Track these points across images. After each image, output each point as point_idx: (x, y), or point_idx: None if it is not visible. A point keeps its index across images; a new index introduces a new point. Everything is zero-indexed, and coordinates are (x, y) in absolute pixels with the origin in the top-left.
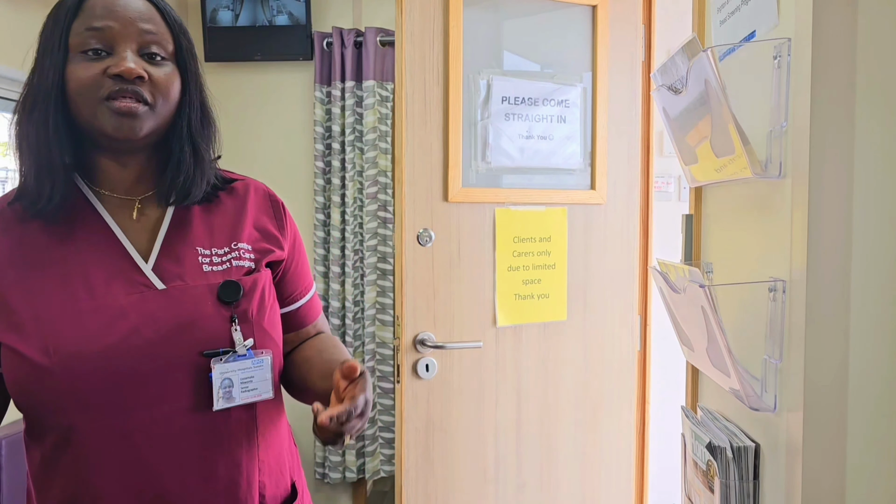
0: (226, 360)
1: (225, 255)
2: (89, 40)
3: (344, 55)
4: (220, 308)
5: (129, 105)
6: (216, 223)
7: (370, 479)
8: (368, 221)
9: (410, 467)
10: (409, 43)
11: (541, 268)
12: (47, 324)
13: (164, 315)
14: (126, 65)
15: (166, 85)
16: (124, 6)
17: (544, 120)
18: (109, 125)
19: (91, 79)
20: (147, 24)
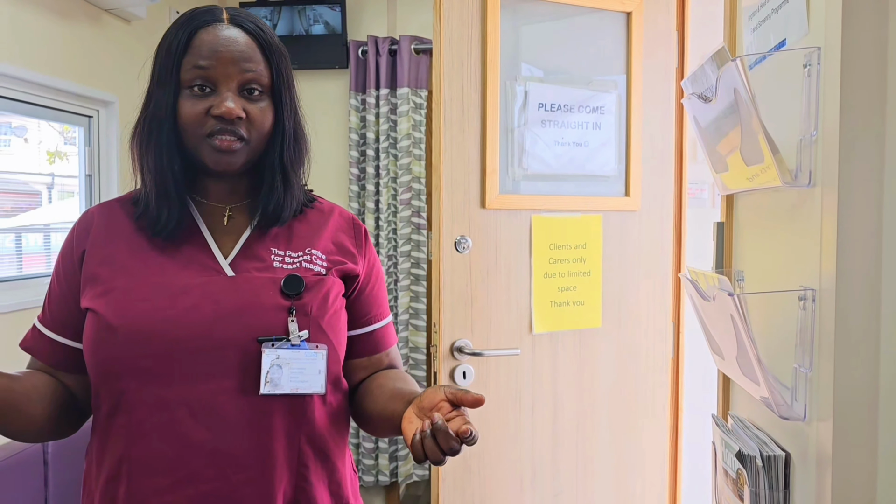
0: (277, 347)
1: (297, 257)
2: (196, 78)
3: (379, 63)
4: (281, 299)
5: (229, 143)
6: (296, 232)
7: (402, 482)
8: (402, 227)
9: (447, 475)
10: (447, 49)
11: (576, 275)
12: (123, 292)
13: (226, 298)
14: (226, 106)
15: (262, 120)
16: (227, 46)
17: (580, 126)
18: (210, 160)
19: (196, 116)
20: (247, 62)
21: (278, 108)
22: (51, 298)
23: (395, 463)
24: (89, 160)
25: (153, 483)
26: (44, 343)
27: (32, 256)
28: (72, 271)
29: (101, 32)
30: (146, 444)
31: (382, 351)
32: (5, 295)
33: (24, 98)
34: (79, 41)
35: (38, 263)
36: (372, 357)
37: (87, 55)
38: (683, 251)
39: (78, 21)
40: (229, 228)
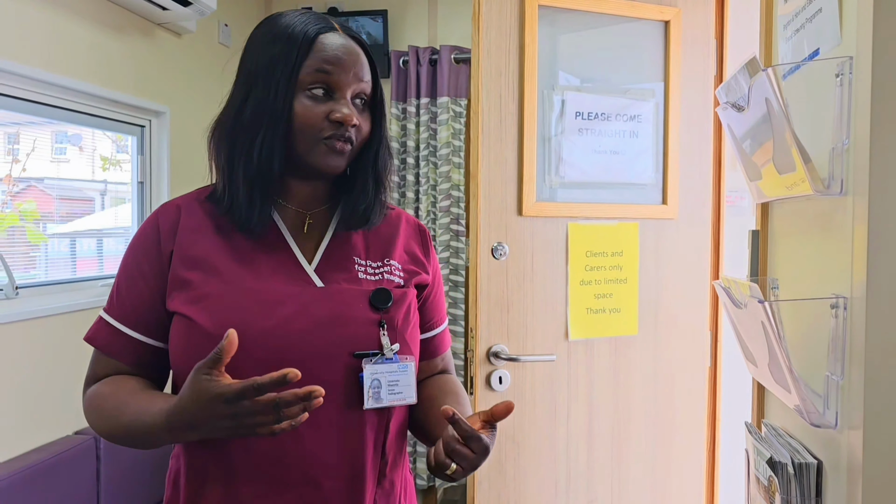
0: (375, 362)
1: (378, 268)
2: (318, 81)
3: (419, 73)
4: (371, 312)
5: (343, 146)
6: (372, 240)
7: (440, 486)
8: (441, 234)
9: (483, 479)
10: (485, 60)
11: (612, 282)
12: (218, 300)
13: (320, 309)
14: (346, 112)
15: (366, 129)
16: (348, 54)
17: (617, 135)
18: (322, 162)
19: (315, 118)
20: (362, 73)
21: (375, 118)
22: (131, 298)
23: None
24: (141, 168)
25: (250, 489)
26: (127, 344)
27: (86, 260)
28: (159, 271)
29: (154, 46)
30: (244, 452)
31: (439, 355)
32: (61, 297)
33: (79, 108)
34: (132, 54)
35: (91, 267)
36: (430, 361)
37: (141, 67)
38: (722, 259)
39: (132, 35)
40: (310, 234)
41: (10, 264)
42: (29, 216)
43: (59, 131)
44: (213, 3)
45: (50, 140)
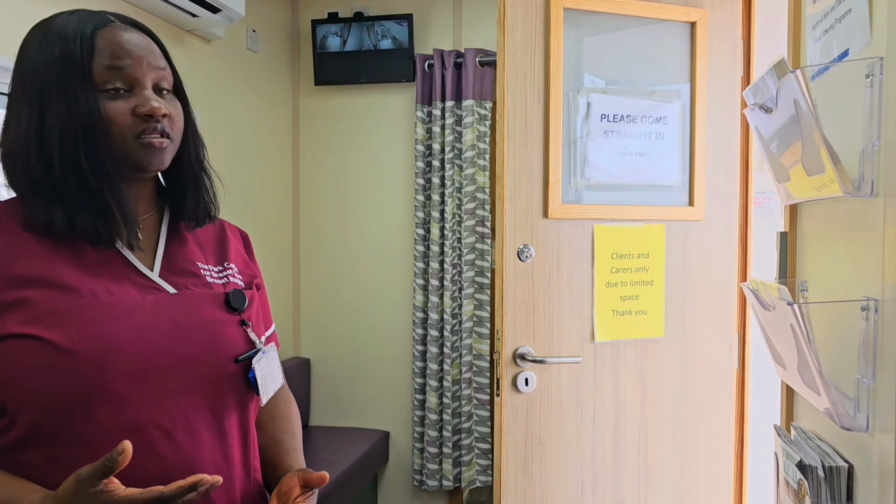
0: (258, 359)
1: (220, 272)
2: (112, 79)
3: (444, 76)
4: (229, 314)
5: (160, 141)
6: (204, 243)
7: (466, 487)
8: (466, 236)
9: (509, 480)
10: (510, 63)
11: (638, 284)
12: (70, 315)
13: (181, 316)
14: (152, 104)
15: (178, 118)
16: (136, 45)
17: (642, 137)
18: (142, 160)
19: (122, 117)
20: (156, 61)
21: (185, 107)
22: None
23: (458, 468)
24: None
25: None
26: None
27: None
28: None
29: (184, 52)
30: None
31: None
32: None
33: None
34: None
35: None
36: None
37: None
38: (749, 261)
39: None
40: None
41: None
42: None
43: None
44: (241, 9)
45: None
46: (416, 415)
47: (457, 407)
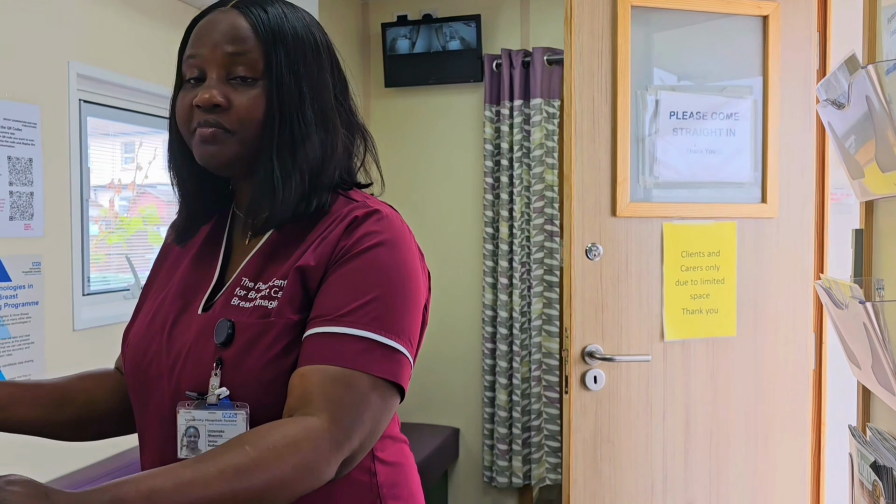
0: (195, 407)
1: (261, 290)
2: (189, 69)
3: (512, 75)
4: (212, 347)
5: (208, 133)
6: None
7: (536, 485)
8: (535, 235)
9: (578, 477)
10: (577, 62)
11: (709, 282)
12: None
13: (181, 340)
14: (203, 95)
15: (248, 109)
16: (212, 29)
17: (713, 133)
18: (197, 154)
19: (183, 110)
20: (232, 44)
21: (278, 94)
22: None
23: (528, 465)
24: None
25: None
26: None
27: None
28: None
29: None
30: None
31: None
32: None
33: None
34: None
35: None
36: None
37: None
38: (826, 258)
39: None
40: (251, 246)
41: (136, 266)
42: (151, 221)
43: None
44: (314, 10)
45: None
46: (485, 412)
47: (526, 404)
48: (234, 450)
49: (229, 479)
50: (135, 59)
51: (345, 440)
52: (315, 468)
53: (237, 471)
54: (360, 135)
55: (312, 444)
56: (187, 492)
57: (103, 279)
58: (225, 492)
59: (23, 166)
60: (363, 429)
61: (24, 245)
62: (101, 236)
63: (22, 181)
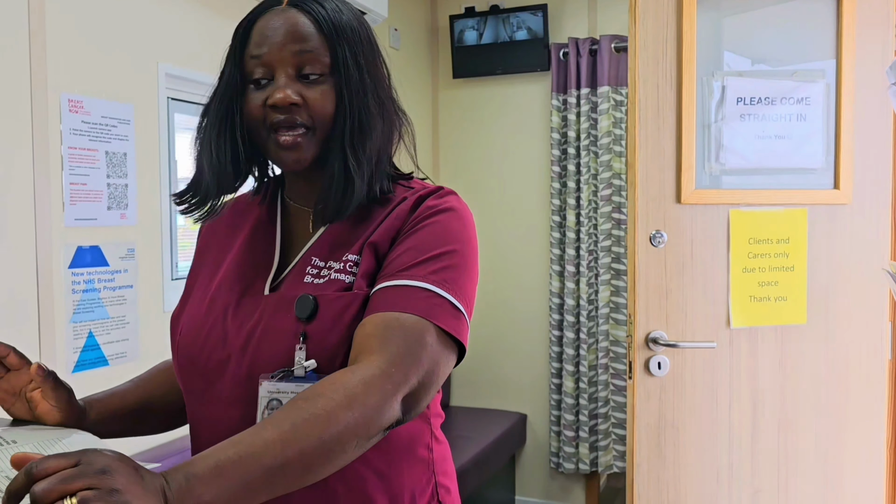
0: (278, 380)
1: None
2: (255, 69)
3: (579, 63)
4: (294, 323)
5: (290, 139)
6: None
7: (603, 472)
8: (603, 223)
9: (642, 461)
10: (642, 50)
11: (778, 270)
12: (187, 307)
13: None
14: (277, 95)
15: (321, 104)
16: (276, 28)
17: (782, 119)
18: (277, 158)
19: (257, 110)
20: (299, 43)
21: (345, 88)
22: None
23: (595, 452)
24: None
25: None
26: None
27: None
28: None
29: None
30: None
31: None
32: None
33: None
34: None
35: None
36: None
37: None
38: None
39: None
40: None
41: None
42: None
43: None
44: (384, 10)
45: None
46: (552, 398)
47: (593, 392)
48: (296, 409)
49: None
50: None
51: (401, 378)
52: (378, 410)
53: (305, 425)
54: (404, 123)
55: (371, 388)
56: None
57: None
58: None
59: (118, 160)
60: (419, 368)
61: (120, 233)
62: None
63: (118, 174)
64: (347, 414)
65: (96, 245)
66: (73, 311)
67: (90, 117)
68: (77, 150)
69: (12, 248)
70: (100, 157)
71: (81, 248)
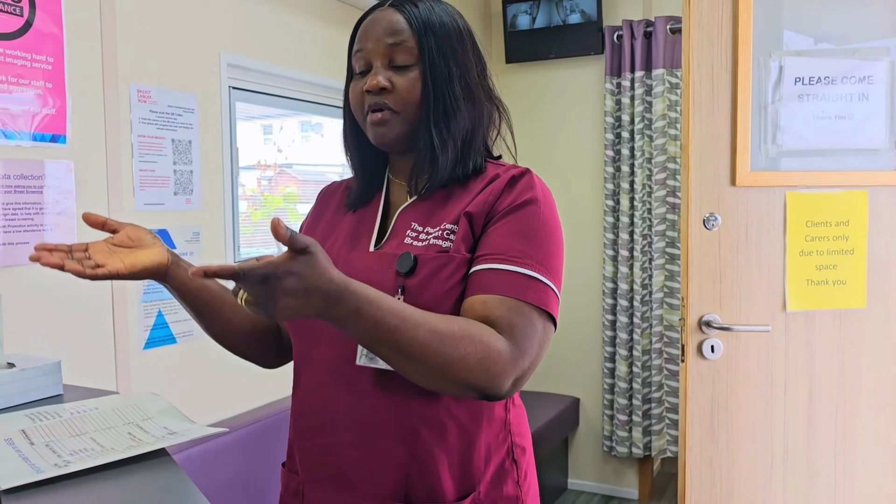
0: None
1: (430, 233)
2: (357, 62)
3: (634, 46)
4: (394, 277)
5: (378, 118)
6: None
7: (657, 456)
8: (657, 207)
9: (694, 444)
10: (696, 31)
11: (836, 253)
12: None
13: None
14: (371, 81)
15: (409, 90)
16: (374, 26)
17: (842, 99)
18: (371, 136)
19: (356, 97)
20: (392, 36)
21: (431, 76)
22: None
23: (648, 437)
24: None
25: (296, 425)
26: None
27: None
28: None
29: None
30: (297, 393)
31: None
32: None
33: (320, 100)
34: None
35: None
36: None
37: None
38: None
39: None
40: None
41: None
42: (290, 199)
43: (304, 120)
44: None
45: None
46: (605, 382)
47: (647, 376)
48: (444, 320)
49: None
50: (274, 47)
51: (521, 360)
52: (496, 375)
53: (442, 335)
54: (497, 108)
55: (499, 354)
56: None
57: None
58: (426, 342)
59: (183, 147)
60: (532, 353)
61: (186, 217)
62: (248, 212)
63: (183, 160)
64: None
65: (164, 228)
66: (143, 291)
67: (157, 107)
68: (146, 138)
69: (88, 232)
70: (166, 145)
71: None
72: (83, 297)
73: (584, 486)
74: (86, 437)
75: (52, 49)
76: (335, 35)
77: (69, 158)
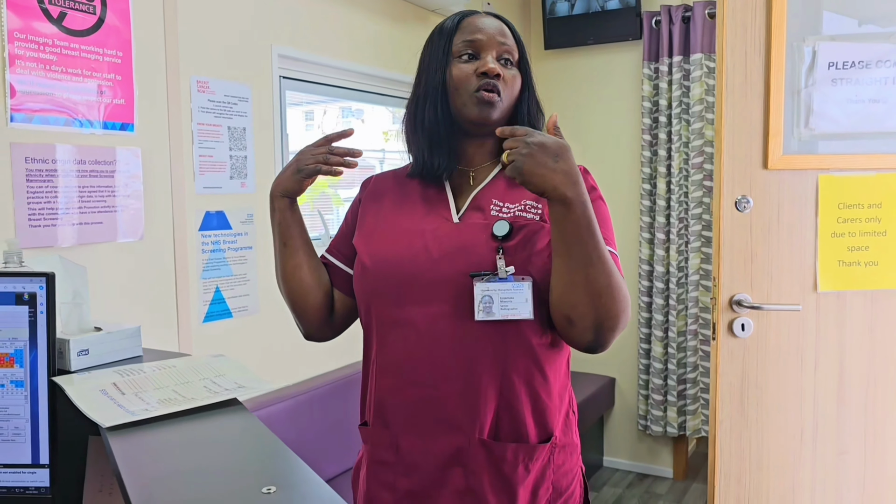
0: (487, 280)
1: (513, 207)
2: (465, 49)
3: (672, 31)
4: (491, 241)
5: (490, 95)
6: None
7: (691, 436)
8: (693, 190)
9: (724, 418)
10: (730, 17)
11: (869, 234)
12: (377, 238)
13: (449, 240)
14: (489, 65)
15: (513, 83)
16: (488, 25)
17: (877, 83)
18: (475, 112)
19: (465, 76)
20: (503, 38)
21: (525, 79)
22: (338, 235)
23: (683, 416)
24: None
25: (387, 382)
26: (332, 269)
27: None
28: (353, 215)
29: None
30: (385, 353)
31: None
32: None
33: (361, 87)
34: (409, 39)
35: None
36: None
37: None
38: None
39: (409, 23)
40: (474, 186)
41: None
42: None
43: (345, 107)
44: None
45: (337, 115)
46: (641, 363)
47: (682, 357)
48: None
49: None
50: (321, 39)
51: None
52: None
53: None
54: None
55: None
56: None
57: None
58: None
59: (238, 134)
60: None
61: (241, 200)
62: None
63: (238, 147)
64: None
65: (221, 210)
66: (202, 268)
67: (215, 96)
68: (204, 125)
69: (154, 214)
70: (223, 132)
71: (209, 212)
72: (148, 272)
73: (619, 463)
74: (167, 389)
75: (120, 44)
76: (378, 26)
77: (137, 145)
